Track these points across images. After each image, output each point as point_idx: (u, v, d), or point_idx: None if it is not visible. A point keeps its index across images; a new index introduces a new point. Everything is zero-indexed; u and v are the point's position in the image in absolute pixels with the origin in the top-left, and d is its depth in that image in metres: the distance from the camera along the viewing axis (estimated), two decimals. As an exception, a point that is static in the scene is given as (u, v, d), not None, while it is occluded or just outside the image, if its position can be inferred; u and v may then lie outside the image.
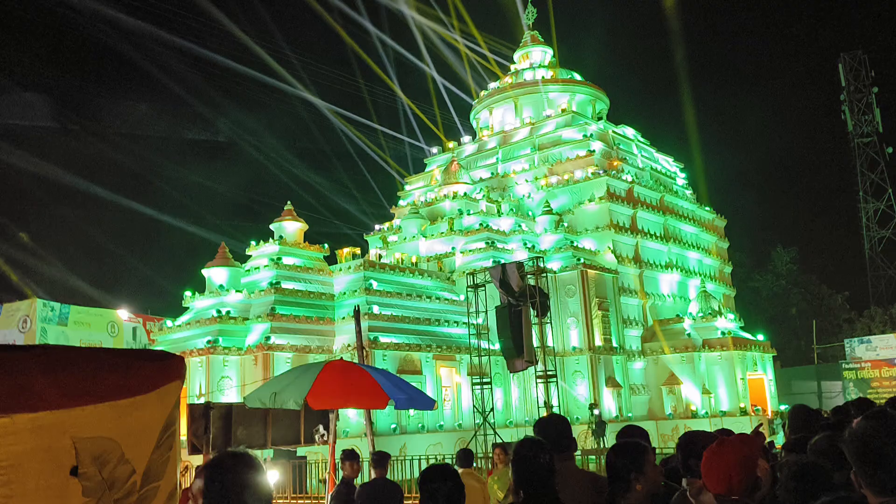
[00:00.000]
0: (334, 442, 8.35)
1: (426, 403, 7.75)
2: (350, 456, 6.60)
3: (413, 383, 28.56)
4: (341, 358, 8.13)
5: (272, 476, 8.52)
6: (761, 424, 6.62)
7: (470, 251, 35.44)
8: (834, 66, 67.53)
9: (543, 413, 26.50)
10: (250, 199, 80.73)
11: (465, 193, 38.91)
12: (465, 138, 47.08)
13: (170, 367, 2.70)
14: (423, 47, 51.83)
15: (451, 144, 46.67)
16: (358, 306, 9.64)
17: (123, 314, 41.05)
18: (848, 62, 66.44)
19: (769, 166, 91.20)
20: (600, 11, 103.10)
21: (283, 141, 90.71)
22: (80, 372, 2.39)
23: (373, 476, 7.33)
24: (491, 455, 20.18)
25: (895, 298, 57.41)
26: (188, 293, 30.15)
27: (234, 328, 28.03)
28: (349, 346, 28.57)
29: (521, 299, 24.31)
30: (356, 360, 27.85)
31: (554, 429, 4.12)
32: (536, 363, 24.88)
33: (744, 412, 34.61)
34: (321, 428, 8.36)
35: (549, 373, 25.84)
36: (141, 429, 2.52)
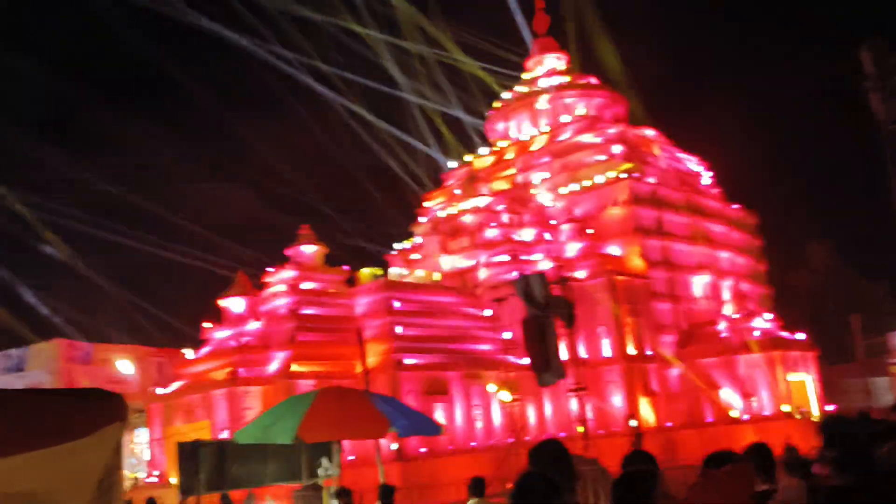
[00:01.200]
0: (338, 476, 7.53)
1: (432, 429, 6.94)
2: (341, 494, 5.80)
3: (442, 404, 27.87)
4: (339, 385, 7.33)
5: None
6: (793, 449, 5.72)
7: (493, 265, 34.58)
8: (857, 53, 66.06)
9: (580, 428, 25.47)
10: (268, 224, 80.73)
11: (485, 206, 38.09)
12: (483, 150, 46.35)
13: (108, 408, 2.48)
14: (434, 63, 51.28)
15: (468, 158, 45.96)
16: (360, 328, 8.90)
17: (127, 355, 40.71)
18: (870, 49, 64.92)
19: (798, 159, 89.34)
20: (615, 11, 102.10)
21: (300, 163, 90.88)
22: (2, 418, 2.21)
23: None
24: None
25: (938, 287, 55.39)
26: (207, 325, 29.64)
27: (255, 357, 27.41)
28: (374, 368, 27.79)
29: (546, 311, 23.32)
30: (385, 381, 27.10)
31: (555, 461, 3.39)
32: (565, 376, 23.83)
33: (788, 415, 33.17)
34: (324, 461, 7.55)
35: (579, 386, 24.80)
36: (76, 478, 2.34)
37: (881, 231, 68.14)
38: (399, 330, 28.92)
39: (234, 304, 29.26)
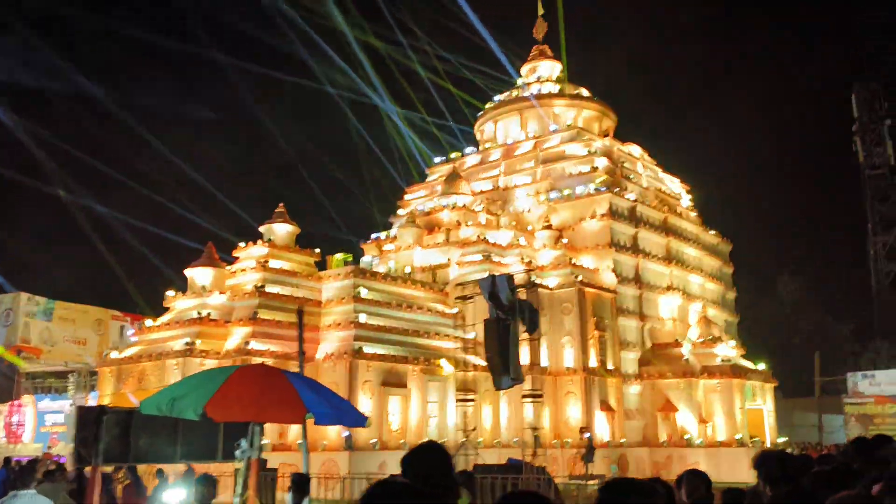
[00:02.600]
0: (258, 459, 7.34)
1: (356, 420, 6.76)
2: (203, 481, 5.56)
3: (397, 397, 27.65)
4: (262, 364, 7.12)
5: (177, 495, 7.59)
6: None
7: (466, 263, 34.45)
8: (847, 93, 66.61)
9: (530, 435, 25.40)
10: (249, 198, 79.97)
11: (464, 205, 37.99)
12: (469, 149, 46.23)
13: None
14: (430, 58, 51.17)
15: (453, 155, 45.83)
16: (301, 309, 8.66)
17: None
18: (861, 92, 65.51)
19: (778, 192, 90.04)
20: (613, 31, 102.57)
21: (286, 141, 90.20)
22: None
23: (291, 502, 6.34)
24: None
25: (902, 333, 56.08)
26: (170, 293, 29.26)
27: (214, 331, 27.06)
28: (332, 354, 27.59)
29: (510, 313, 23.20)
30: (342, 369, 26.85)
31: (428, 465, 3.01)
32: (523, 381, 23.74)
33: (741, 443, 33.37)
34: (243, 443, 7.34)
35: (535, 392, 24.71)
36: None
37: (851, 273, 68.91)
38: (363, 318, 28.70)
39: (200, 274, 28.89)
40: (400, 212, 43.12)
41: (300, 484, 6.19)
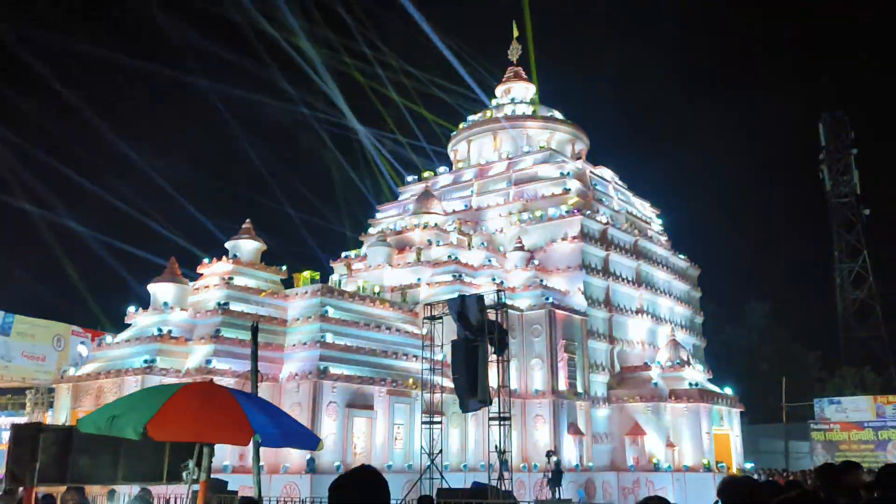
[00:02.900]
0: (205, 480, 6.93)
1: (307, 442, 6.41)
2: (138, 500, 5.21)
3: (363, 419, 27.10)
4: (209, 382, 6.72)
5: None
6: None
7: (436, 283, 34.15)
8: (815, 121, 67.80)
9: (496, 459, 24.97)
10: (220, 216, 79.03)
11: (436, 224, 37.75)
12: (441, 169, 46.12)
13: None
14: (402, 77, 51.21)
15: (426, 174, 45.70)
16: (255, 325, 8.29)
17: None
18: (829, 122, 66.72)
19: (746, 219, 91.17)
20: (588, 56, 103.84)
21: (257, 157, 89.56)
22: None
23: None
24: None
25: (867, 360, 56.73)
26: (132, 308, 28.54)
27: (175, 349, 26.37)
28: (296, 374, 27.03)
29: (478, 334, 22.96)
30: (306, 390, 26.29)
31: (363, 493, 2.72)
32: (491, 403, 23.43)
33: (707, 468, 33.28)
34: (190, 464, 6.94)
35: (503, 415, 24.36)
36: None
37: (818, 300, 69.83)
38: (329, 338, 28.21)
39: (162, 290, 28.23)
40: (371, 230, 42.77)
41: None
